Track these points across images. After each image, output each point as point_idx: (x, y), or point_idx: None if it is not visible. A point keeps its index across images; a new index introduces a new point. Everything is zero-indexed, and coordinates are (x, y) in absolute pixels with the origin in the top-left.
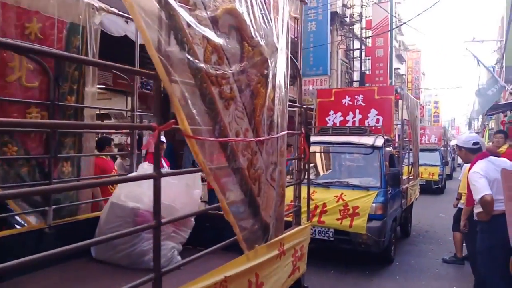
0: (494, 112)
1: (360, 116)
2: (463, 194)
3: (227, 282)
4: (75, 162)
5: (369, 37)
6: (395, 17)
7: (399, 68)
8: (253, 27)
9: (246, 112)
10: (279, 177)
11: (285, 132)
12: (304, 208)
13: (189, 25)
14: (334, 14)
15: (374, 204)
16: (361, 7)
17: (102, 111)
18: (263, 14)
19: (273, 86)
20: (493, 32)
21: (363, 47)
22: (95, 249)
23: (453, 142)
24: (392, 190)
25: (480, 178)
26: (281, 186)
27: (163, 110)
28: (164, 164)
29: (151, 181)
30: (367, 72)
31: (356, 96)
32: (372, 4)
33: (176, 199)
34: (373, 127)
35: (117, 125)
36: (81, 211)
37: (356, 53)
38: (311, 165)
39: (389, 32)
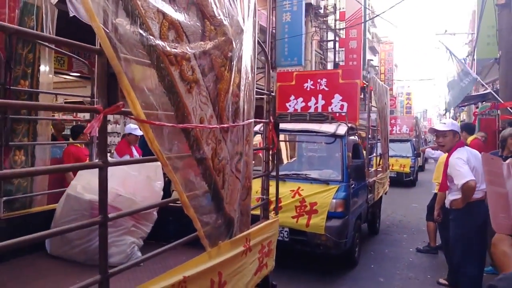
0: (466, 103)
1: (323, 102)
2: (436, 183)
3: (186, 283)
4: (28, 150)
5: (342, 28)
6: (368, 9)
7: (372, 60)
8: (215, 4)
9: (210, 97)
10: (245, 168)
11: (252, 120)
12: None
13: None
14: (308, 5)
15: (334, 200)
16: None
17: (77, 99)
18: None
19: (239, 70)
20: (464, 25)
21: (337, 39)
22: (50, 244)
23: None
24: (356, 184)
25: (464, 164)
26: (247, 177)
27: (111, 90)
28: (135, 154)
29: (111, 172)
30: (340, 63)
31: (319, 80)
32: None
33: (137, 191)
34: (337, 114)
35: (60, 106)
36: (36, 203)
37: (330, 44)
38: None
39: (362, 24)
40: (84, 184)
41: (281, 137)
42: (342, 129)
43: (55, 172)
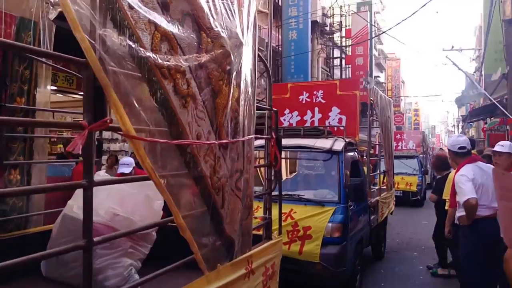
0: (474, 119)
1: (320, 115)
2: (446, 200)
3: None
4: (24, 169)
5: (349, 45)
6: (374, 26)
7: (379, 76)
8: (212, 16)
9: (207, 112)
10: (246, 186)
11: (253, 136)
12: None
13: (131, 7)
14: (314, 23)
15: (330, 224)
16: (341, 16)
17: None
18: (225, 4)
19: (238, 84)
20: (471, 40)
21: (343, 56)
22: (45, 266)
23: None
24: (356, 205)
25: (466, 181)
26: (248, 196)
27: (98, 105)
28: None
29: (109, 191)
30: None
31: (315, 92)
32: (352, 13)
33: (135, 211)
34: (335, 128)
35: (46, 122)
36: (32, 224)
37: (336, 61)
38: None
39: (369, 41)
40: (80, 204)
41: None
42: (339, 145)
43: (37, 193)
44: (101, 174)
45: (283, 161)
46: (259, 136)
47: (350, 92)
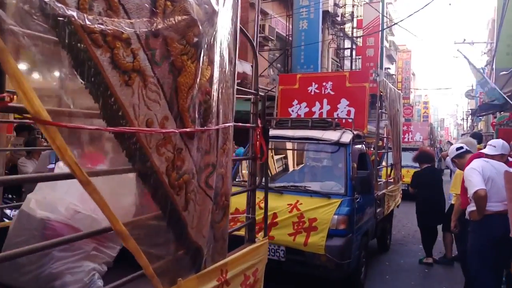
0: (484, 113)
1: (329, 107)
2: (453, 194)
3: None
4: None
5: (360, 36)
6: (386, 17)
7: (389, 68)
8: None
9: (163, 93)
10: (220, 183)
11: (231, 124)
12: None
13: None
14: (325, 13)
15: (336, 216)
16: (353, 6)
17: None
18: None
19: (210, 61)
20: (483, 34)
21: (354, 47)
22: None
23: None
24: (362, 197)
25: (476, 174)
26: (222, 194)
27: None
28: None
29: (70, 185)
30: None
31: (324, 83)
32: (364, 3)
33: (98, 209)
34: (343, 120)
35: None
36: None
37: (347, 52)
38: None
39: (380, 32)
40: (39, 199)
41: (288, 145)
42: (347, 137)
43: None
44: (60, 165)
45: (289, 152)
46: (241, 124)
47: (359, 84)
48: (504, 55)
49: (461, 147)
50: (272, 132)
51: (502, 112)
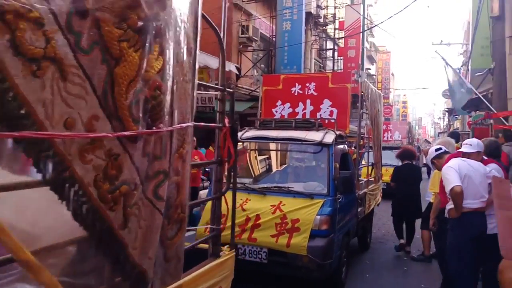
0: (456, 114)
1: (312, 108)
2: (432, 193)
3: None
4: None
5: (341, 38)
6: (367, 19)
7: (369, 69)
8: None
9: (92, 86)
10: (174, 193)
11: (189, 124)
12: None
13: None
14: (308, 14)
15: (318, 217)
16: (335, 8)
17: None
18: None
19: (162, 51)
20: (459, 35)
21: (336, 48)
22: None
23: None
24: (344, 197)
25: (452, 172)
26: (178, 206)
27: None
28: None
29: (3, 195)
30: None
31: (307, 84)
32: (345, 6)
33: (38, 221)
34: (326, 121)
35: None
36: None
37: (329, 53)
38: (242, 166)
39: (361, 34)
40: None
41: (272, 145)
42: (330, 137)
43: None
44: None
45: (273, 153)
46: (202, 124)
47: (341, 85)
48: (478, 56)
49: (440, 148)
50: (256, 133)
51: (477, 112)
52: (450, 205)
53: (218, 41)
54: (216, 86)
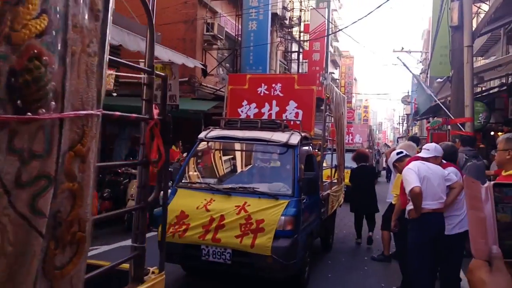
0: (418, 118)
1: (278, 109)
2: (394, 195)
3: None
4: None
5: (306, 40)
6: (331, 23)
7: (333, 73)
8: None
9: None
10: (67, 205)
11: (93, 112)
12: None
13: None
14: (274, 15)
15: (283, 217)
16: (300, 11)
17: None
18: None
19: (45, 8)
20: (418, 44)
21: (301, 50)
22: None
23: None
24: (308, 198)
25: (411, 173)
26: (71, 223)
27: None
28: None
29: None
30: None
31: (273, 85)
32: (311, 9)
33: None
34: (292, 122)
35: None
36: None
37: (294, 56)
38: (207, 165)
39: (326, 38)
40: None
41: (237, 146)
42: (295, 139)
43: None
44: None
45: (238, 153)
46: (118, 114)
47: (307, 87)
48: (438, 64)
49: (401, 152)
50: (221, 132)
51: (435, 118)
52: (410, 206)
53: (148, 19)
54: (143, 68)
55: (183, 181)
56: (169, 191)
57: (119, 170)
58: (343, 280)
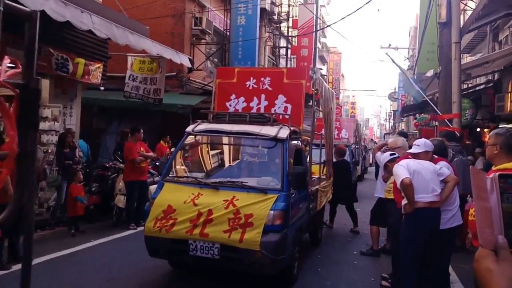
0: (405, 114)
1: (266, 103)
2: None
3: None
4: None
5: (295, 36)
6: (319, 19)
7: (321, 69)
8: None
9: None
10: None
11: None
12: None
13: None
14: (263, 10)
15: (272, 212)
16: (289, 6)
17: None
18: None
19: None
20: (405, 40)
21: (289, 46)
22: None
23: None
24: (297, 192)
25: (400, 168)
26: None
27: None
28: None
29: None
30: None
31: (262, 79)
32: (299, 4)
33: None
34: (280, 116)
35: None
36: None
37: (282, 51)
38: (194, 159)
39: (314, 33)
40: None
41: (225, 139)
42: (284, 133)
43: None
44: None
45: (226, 147)
46: None
47: (296, 81)
48: (425, 60)
49: (394, 153)
50: (209, 126)
51: (422, 114)
52: (405, 201)
53: None
54: None
55: (170, 175)
56: (156, 186)
57: (107, 165)
58: (332, 274)
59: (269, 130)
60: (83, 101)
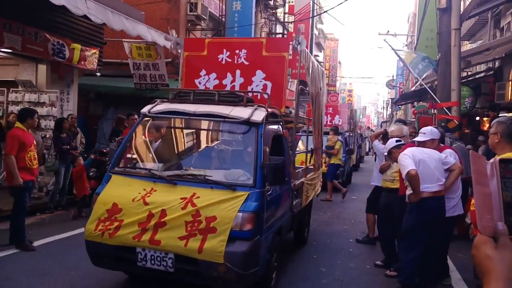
0: (403, 102)
1: (242, 80)
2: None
3: None
4: None
5: (291, 22)
6: (316, 4)
7: (318, 56)
8: None
9: None
10: None
11: None
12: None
13: None
14: None
15: (240, 214)
16: None
17: (9, 78)
18: None
19: None
20: (404, 27)
21: (285, 32)
22: None
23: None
24: (275, 188)
25: (406, 158)
26: None
27: None
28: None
29: None
30: (289, 57)
31: (237, 51)
32: None
33: None
34: (258, 96)
35: None
36: None
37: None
38: (149, 147)
39: (310, 19)
40: None
41: (187, 123)
42: (259, 115)
43: None
44: None
45: (188, 132)
46: None
47: (278, 54)
48: (424, 47)
49: (400, 140)
50: (169, 106)
51: (420, 102)
52: (409, 191)
53: None
54: None
55: (119, 166)
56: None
57: (104, 150)
58: (328, 261)
59: (241, 112)
60: (80, 87)
